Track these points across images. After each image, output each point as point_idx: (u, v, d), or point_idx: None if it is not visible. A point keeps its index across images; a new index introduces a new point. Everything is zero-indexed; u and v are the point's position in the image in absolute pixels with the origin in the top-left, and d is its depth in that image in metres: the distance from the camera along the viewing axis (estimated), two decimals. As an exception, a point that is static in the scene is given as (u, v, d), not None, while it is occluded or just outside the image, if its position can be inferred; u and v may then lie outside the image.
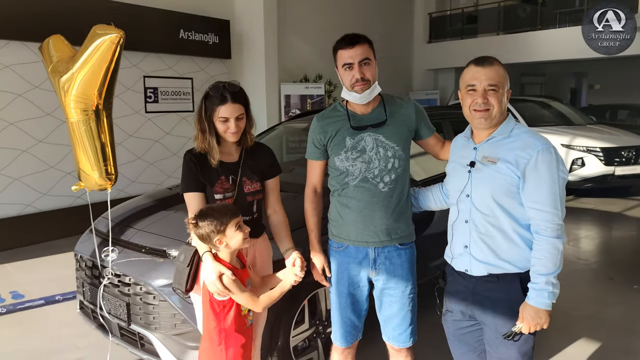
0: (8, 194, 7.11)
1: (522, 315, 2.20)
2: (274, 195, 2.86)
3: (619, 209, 9.22)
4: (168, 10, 8.87)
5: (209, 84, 2.68)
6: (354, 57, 2.57)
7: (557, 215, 2.16)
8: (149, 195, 4.55)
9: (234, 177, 2.70)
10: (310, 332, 3.44)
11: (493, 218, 2.27)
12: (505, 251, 2.26)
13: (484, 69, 2.26)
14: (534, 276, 2.18)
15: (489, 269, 2.29)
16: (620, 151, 9.51)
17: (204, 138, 2.66)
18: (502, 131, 2.30)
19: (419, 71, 16.09)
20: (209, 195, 2.67)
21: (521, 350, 2.27)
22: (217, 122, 2.62)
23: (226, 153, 2.74)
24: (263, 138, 5.25)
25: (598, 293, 5.30)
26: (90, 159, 3.43)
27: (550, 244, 2.16)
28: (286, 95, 10.90)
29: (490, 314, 2.30)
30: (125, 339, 3.43)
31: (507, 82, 2.29)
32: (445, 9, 16.89)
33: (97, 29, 3.21)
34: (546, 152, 2.18)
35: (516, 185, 2.21)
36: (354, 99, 2.63)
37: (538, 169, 2.16)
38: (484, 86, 2.25)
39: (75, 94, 3.25)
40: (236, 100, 2.62)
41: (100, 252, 3.51)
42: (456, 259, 2.42)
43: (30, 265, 6.30)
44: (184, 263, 2.62)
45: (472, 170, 2.33)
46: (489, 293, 2.31)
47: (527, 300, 2.19)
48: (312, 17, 12.07)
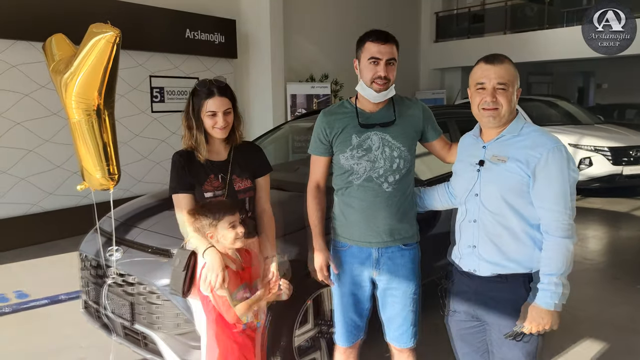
0: (14, 193, 7.13)
1: (527, 315, 2.17)
2: (263, 193, 2.84)
3: (627, 209, 9.16)
4: (174, 9, 8.88)
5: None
6: (383, 54, 2.53)
7: (568, 215, 2.13)
8: (154, 194, 4.54)
9: (224, 176, 2.70)
10: (314, 332, 3.43)
11: (502, 217, 2.24)
12: (514, 251, 2.23)
13: (494, 67, 2.22)
14: (542, 276, 2.16)
15: (496, 269, 2.26)
16: (629, 151, 9.44)
17: (191, 135, 2.66)
18: (511, 130, 2.27)
19: (425, 70, 16.07)
20: (199, 195, 2.67)
21: (524, 351, 2.24)
22: (205, 117, 2.62)
23: (215, 152, 2.73)
24: (269, 137, 5.25)
25: (604, 293, 5.26)
26: (93, 158, 3.42)
27: (560, 244, 2.13)
28: (292, 94, 10.89)
29: (495, 314, 2.28)
30: (129, 338, 3.42)
31: (517, 80, 2.26)
32: (452, 8, 16.85)
33: (93, 27, 3.20)
34: (557, 150, 2.15)
35: (526, 184, 2.18)
36: (369, 95, 2.60)
37: (549, 168, 2.14)
38: (493, 84, 2.22)
39: (76, 93, 3.25)
40: (223, 94, 2.63)
41: (104, 251, 3.50)
42: (463, 259, 2.39)
43: (35, 265, 6.32)
44: (179, 267, 2.61)
45: (482, 169, 2.30)
46: (493, 293, 2.28)
47: (536, 301, 2.16)
48: (318, 17, 12.07)
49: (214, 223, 2.43)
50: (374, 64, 2.53)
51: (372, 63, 2.54)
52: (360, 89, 2.64)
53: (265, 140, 5.15)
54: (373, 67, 2.54)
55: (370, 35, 2.57)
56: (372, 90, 2.57)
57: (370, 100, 2.62)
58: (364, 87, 2.60)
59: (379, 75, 2.53)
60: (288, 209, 3.39)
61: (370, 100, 2.61)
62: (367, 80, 2.57)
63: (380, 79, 2.53)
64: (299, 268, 3.14)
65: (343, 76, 11.95)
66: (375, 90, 2.56)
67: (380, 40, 2.53)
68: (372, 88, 2.56)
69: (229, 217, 2.43)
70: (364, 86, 2.59)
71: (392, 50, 2.55)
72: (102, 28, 3.16)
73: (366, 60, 2.55)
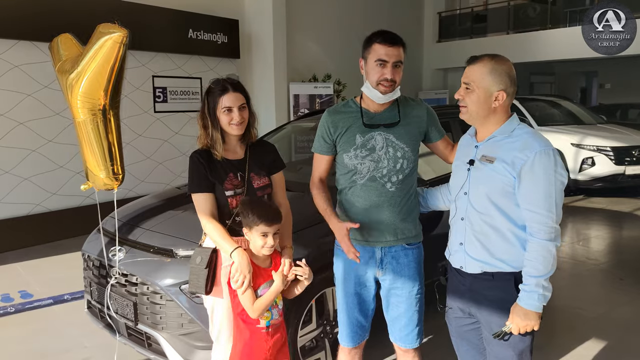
0: (17, 193, 7.14)
1: (512, 315, 2.18)
2: (279, 189, 2.86)
3: (630, 209, 9.15)
4: (177, 9, 8.88)
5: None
6: (391, 56, 2.51)
7: (551, 218, 2.13)
8: (157, 194, 4.55)
9: (242, 174, 2.71)
10: (318, 332, 3.43)
11: (488, 217, 2.25)
12: (500, 250, 2.25)
13: (469, 67, 2.27)
14: (525, 277, 2.17)
15: (483, 267, 2.28)
16: (631, 150, 9.44)
17: (207, 133, 2.68)
18: (503, 130, 2.27)
19: (428, 70, 16.05)
20: (220, 194, 2.67)
21: (517, 350, 2.25)
22: (221, 114, 2.64)
23: (231, 151, 2.75)
24: (272, 137, 5.24)
25: (608, 293, 5.26)
26: (97, 158, 3.43)
27: (542, 247, 2.13)
28: (295, 94, 10.89)
29: (485, 311, 2.30)
30: (133, 338, 3.43)
31: (495, 83, 2.20)
32: (455, 8, 16.84)
33: (100, 27, 3.21)
34: (544, 154, 2.14)
35: (512, 185, 2.19)
36: (375, 96, 2.59)
37: (534, 170, 2.14)
38: (463, 83, 2.28)
39: (82, 93, 3.25)
40: (237, 90, 2.66)
41: (107, 251, 3.51)
42: (453, 256, 2.43)
43: (39, 265, 6.33)
44: (201, 265, 2.62)
45: (471, 168, 2.32)
46: (485, 291, 2.30)
47: (518, 302, 2.17)
48: (320, 17, 12.06)
49: (251, 224, 2.45)
50: (380, 66, 2.52)
51: (379, 65, 2.52)
52: (365, 90, 2.63)
53: (267, 140, 5.14)
54: (380, 69, 2.52)
55: (378, 36, 2.54)
56: (377, 92, 2.56)
57: (375, 101, 2.61)
58: (369, 88, 2.59)
59: (386, 77, 2.51)
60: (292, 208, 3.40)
61: (376, 101, 2.61)
62: (373, 82, 2.55)
63: (387, 82, 2.52)
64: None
65: (345, 76, 11.95)
66: (381, 92, 2.55)
67: (388, 43, 2.51)
68: (377, 90, 2.55)
69: (264, 226, 2.44)
70: (370, 87, 2.58)
71: (400, 52, 2.54)
72: (109, 28, 3.17)
73: (373, 61, 2.53)
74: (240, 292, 2.44)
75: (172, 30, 8.84)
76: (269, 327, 2.53)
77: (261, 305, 2.46)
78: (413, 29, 15.37)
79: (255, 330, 2.51)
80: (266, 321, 2.51)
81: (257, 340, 2.51)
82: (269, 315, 2.52)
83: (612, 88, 19.04)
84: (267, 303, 2.47)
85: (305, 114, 7.11)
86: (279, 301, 2.58)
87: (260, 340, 2.51)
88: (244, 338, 2.51)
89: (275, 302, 2.55)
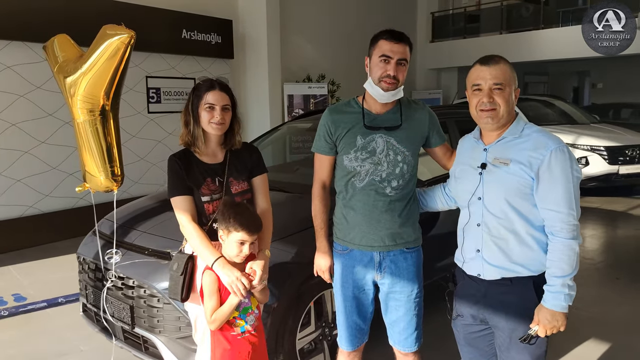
0: (10, 195, 7.08)
1: (537, 318, 2.16)
2: (261, 193, 2.79)
3: (624, 208, 9.20)
4: (170, 10, 8.85)
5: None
6: (395, 53, 2.49)
7: (573, 216, 2.12)
8: (152, 196, 4.51)
9: (220, 179, 2.66)
10: (316, 334, 3.41)
11: (506, 221, 2.22)
12: (519, 254, 2.21)
13: (489, 68, 2.22)
14: (549, 278, 2.14)
15: (502, 273, 2.24)
16: (625, 150, 9.47)
17: (188, 130, 2.64)
18: (512, 131, 2.26)
19: (421, 70, 16.06)
20: (196, 199, 2.62)
21: (534, 355, 2.23)
22: (203, 110, 2.59)
23: (210, 155, 2.70)
24: (267, 138, 5.23)
25: (604, 293, 5.26)
26: (97, 160, 3.40)
27: (566, 246, 2.12)
28: (289, 95, 10.88)
29: (504, 317, 2.26)
30: (129, 342, 3.40)
31: (514, 81, 2.24)
32: (448, 9, 16.87)
33: (107, 29, 3.18)
34: (559, 151, 2.14)
35: (529, 186, 2.17)
36: (377, 93, 2.56)
37: (552, 169, 2.12)
38: (489, 85, 2.21)
39: (83, 94, 3.23)
40: (223, 90, 2.62)
41: (103, 254, 3.48)
42: (467, 263, 2.37)
43: (32, 268, 6.27)
44: (177, 272, 2.58)
45: (484, 172, 2.28)
46: (502, 297, 2.26)
47: (544, 303, 2.14)
48: (314, 17, 12.05)
49: (230, 228, 2.40)
50: (384, 62, 2.50)
51: (382, 61, 2.50)
52: (368, 87, 2.60)
53: (264, 142, 5.12)
54: (383, 65, 2.50)
55: (384, 33, 2.54)
56: (379, 89, 2.53)
57: (377, 99, 2.58)
58: (372, 84, 2.56)
59: (389, 73, 2.49)
60: (288, 210, 3.38)
61: (377, 99, 2.58)
62: (376, 78, 2.53)
63: (389, 78, 2.49)
64: (301, 270, 3.13)
65: (340, 76, 11.95)
66: (382, 89, 2.52)
67: (394, 39, 2.50)
68: (379, 86, 2.52)
69: (243, 234, 2.39)
70: (372, 84, 2.56)
71: (405, 50, 2.52)
72: (115, 30, 3.15)
73: (377, 57, 2.52)
74: (256, 289, 2.44)
75: (166, 30, 8.80)
76: (244, 333, 2.49)
77: (219, 318, 2.41)
78: (406, 29, 15.16)
79: (231, 337, 2.47)
80: (241, 327, 2.48)
81: (234, 346, 2.46)
82: (242, 322, 2.48)
83: (605, 87, 19.12)
84: (225, 316, 2.42)
85: (301, 115, 7.10)
86: (255, 308, 2.53)
87: (237, 346, 2.47)
88: (222, 345, 2.46)
89: (252, 309, 2.51)
